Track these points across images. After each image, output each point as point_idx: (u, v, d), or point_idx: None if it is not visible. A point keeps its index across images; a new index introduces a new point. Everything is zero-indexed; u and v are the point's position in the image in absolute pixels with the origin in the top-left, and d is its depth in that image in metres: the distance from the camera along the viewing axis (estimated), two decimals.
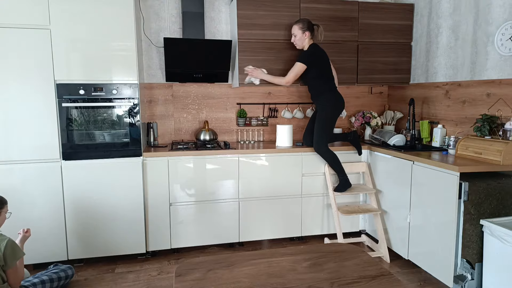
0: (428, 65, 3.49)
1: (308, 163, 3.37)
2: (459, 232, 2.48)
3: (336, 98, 3.24)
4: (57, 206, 2.90)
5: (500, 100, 2.76)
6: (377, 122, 3.83)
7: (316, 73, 3.21)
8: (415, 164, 2.86)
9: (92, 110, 2.92)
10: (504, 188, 2.50)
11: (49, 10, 2.74)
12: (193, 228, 3.21)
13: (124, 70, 2.93)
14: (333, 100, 3.23)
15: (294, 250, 1.92)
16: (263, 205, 3.33)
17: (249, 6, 3.27)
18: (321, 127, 3.23)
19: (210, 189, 3.21)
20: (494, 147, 2.53)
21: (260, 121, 3.76)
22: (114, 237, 3.03)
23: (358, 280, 1.58)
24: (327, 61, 3.25)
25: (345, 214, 3.22)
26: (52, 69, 2.80)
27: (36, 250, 2.88)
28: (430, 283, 2.77)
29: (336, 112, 3.28)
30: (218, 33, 3.64)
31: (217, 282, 1.57)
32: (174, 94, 3.63)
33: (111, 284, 2.76)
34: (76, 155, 2.91)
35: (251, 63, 3.34)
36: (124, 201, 3.01)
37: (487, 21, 2.85)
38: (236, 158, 3.22)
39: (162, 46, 3.50)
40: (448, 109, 3.27)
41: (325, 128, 3.24)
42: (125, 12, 2.87)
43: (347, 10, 3.49)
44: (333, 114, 3.26)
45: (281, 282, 1.57)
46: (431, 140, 3.38)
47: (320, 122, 3.24)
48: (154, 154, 3.07)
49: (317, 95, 3.27)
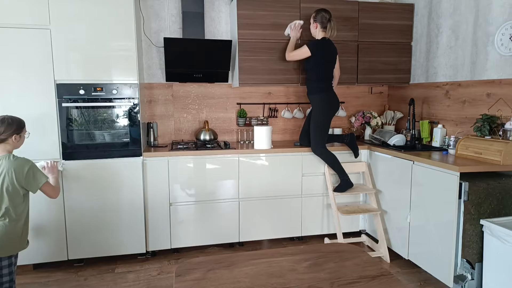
0: (428, 65, 3.49)
1: (308, 163, 3.37)
2: (459, 232, 2.48)
3: (330, 98, 3.22)
4: (57, 206, 2.90)
5: (500, 100, 2.76)
6: (377, 122, 3.83)
7: (314, 65, 3.19)
8: (415, 164, 2.86)
9: (92, 110, 2.92)
10: (504, 188, 2.49)
11: (49, 10, 2.74)
12: (193, 228, 3.21)
13: (124, 70, 2.93)
14: (327, 100, 3.21)
15: (294, 250, 1.92)
16: (263, 205, 3.33)
17: (249, 6, 3.27)
18: (315, 128, 3.22)
19: (210, 189, 3.21)
20: (494, 147, 2.53)
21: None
22: (114, 237, 3.03)
23: (358, 280, 1.58)
24: (331, 60, 3.22)
25: (345, 214, 3.22)
26: (52, 69, 2.80)
27: (36, 250, 2.87)
28: (430, 283, 2.77)
29: (330, 112, 3.25)
30: (218, 33, 3.64)
31: (217, 282, 1.57)
32: (174, 94, 3.63)
33: (111, 284, 2.76)
34: (76, 155, 2.91)
35: (251, 63, 3.34)
36: (124, 201, 3.01)
37: (487, 21, 2.85)
38: (236, 158, 3.22)
39: (162, 46, 3.50)
40: (448, 109, 3.27)
41: (320, 128, 3.22)
42: (125, 12, 2.87)
43: (347, 10, 3.49)
44: (327, 114, 3.23)
45: (281, 282, 1.57)
46: (431, 140, 3.38)
47: (314, 123, 3.23)
48: (154, 154, 3.07)
49: (312, 93, 3.27)
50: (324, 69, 3.21)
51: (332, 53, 3.21)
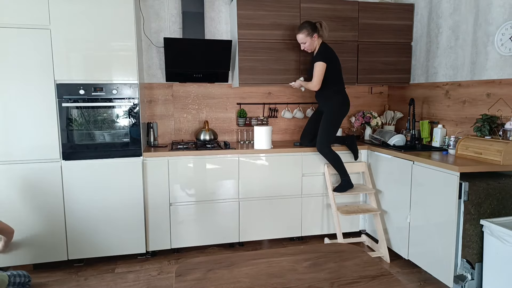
0: (428, 65, 3.49)
1: (308, 163, 3.37)
2: (459, 232, 2.48)
3: (345, 99, 3.24)
4: (57, 206, 2.90)
5: (500, 100, 2.76)
6: (377, 122, 3.83)
7: (331, 71, 3.16)
8: (415, 164, 2.86)
9: (92, 110, 2.92)
10: (504, 188, 2.49)
11: (49, 10, 2.74)
12: (193, 228, 3.21)
13: (124, 70, 2.93)
14: (342, 102, 3.22)
15: (294, 250, 1.92)
16: (263, 205, 3.33)
17: (249, 6, 3.27)
18: (327, 128, 3.21)
19: (210, 189, 3.21)
20: (494, 147, 2.53)
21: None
22: (114, 237, 3.03)
23: (358, 280, 1.58)
24: (338, 60, 3.23)
25: (345, 214, 3.22)
26: (52, 69, 2.80)
27: (36, 250, 2.88)
28: (430, 283, 2.77)
29: (343, 114, 3.27)
30: (218, 33, 3.64)
31: (217, 282, 1.57)
32: (174, 94, 3.63)
33: (111, 284, 2.76)
34: (76, 155, 2.91)
35: (251, 63, 3.34)
36: (124, 201, 3.01)
37: (487, 21, 2.85)
38: (236, 158, 3.22)
39: (162, 46, 3.50)
40: (448, 109, 3.27)
41: (331, 129, 3.23)
42: (125, 12, 2.87)
43: (347, 10, 3.49)
44: (341, 115, 3.25)
45: (281, 282, 1.57)
46: (431, 140, 3.38)
47: (326, 123, 3.22)
48: (154, 154, 3.07)
49: (327, 95, 3.23)
50: (339, 69, 3.22)
51: (335, 53, 3.22)
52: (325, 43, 3.21)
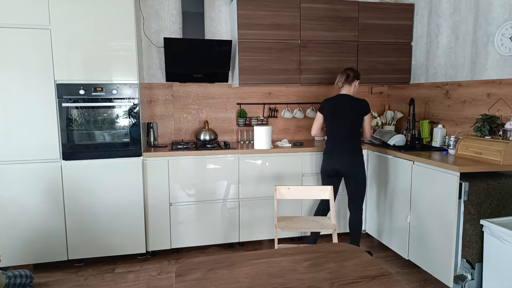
0: (428, 65, 3.49)
1: (308, 163, 3.37)
2: (459, 232, 2.48)
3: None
4: (57, 206, 2.90)
5: (500, 100, 2.76)
6: (377, 122, 3.82)
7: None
8: (415, 164, 2.86)
9: (92, 110, 2.92)
10: (504, 188, 2.49)
11: (49, 10, 2.74)
12: (193, 228, 3.21)
13: (124, 70, 2.93)
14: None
15: (294, 250, 1.92)
16: (263, 205, 3.33)
17: (249, 6, 3.27)
18: (363, 189, 3.05)
19: (210, 189, 3.20)
20: (494, 147, 2.53)
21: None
22: (114, 237, 3.03)
23: (358, 280, 1.58)
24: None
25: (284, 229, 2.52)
26: (52, 69, 2.80)
27: (36, 250, 2.88)
28: (430, 283, 2.77)
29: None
30: (218, 33, 3.64)
31: (217, 282, 1.57)
32: (174, 94, 3.63)
33: (111, 284, 2.76)
34: (76, 155, 2.91)
35: (251, 63, 3.34)
36: (124, 201, 3.01)
37: (487, 21, 2.85)
38: (236, 158, 3.22)
39: (162, 46, 3.50)
40: (448, 109, 3.27)
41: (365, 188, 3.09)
42: (125, 12, 2.87)
43: (347, 10, 3.49)
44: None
45: (281, 282, 1.57)
46: (431, 140, 3.38)
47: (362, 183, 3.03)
48: (154, 154, 3.06)
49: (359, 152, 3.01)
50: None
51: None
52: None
